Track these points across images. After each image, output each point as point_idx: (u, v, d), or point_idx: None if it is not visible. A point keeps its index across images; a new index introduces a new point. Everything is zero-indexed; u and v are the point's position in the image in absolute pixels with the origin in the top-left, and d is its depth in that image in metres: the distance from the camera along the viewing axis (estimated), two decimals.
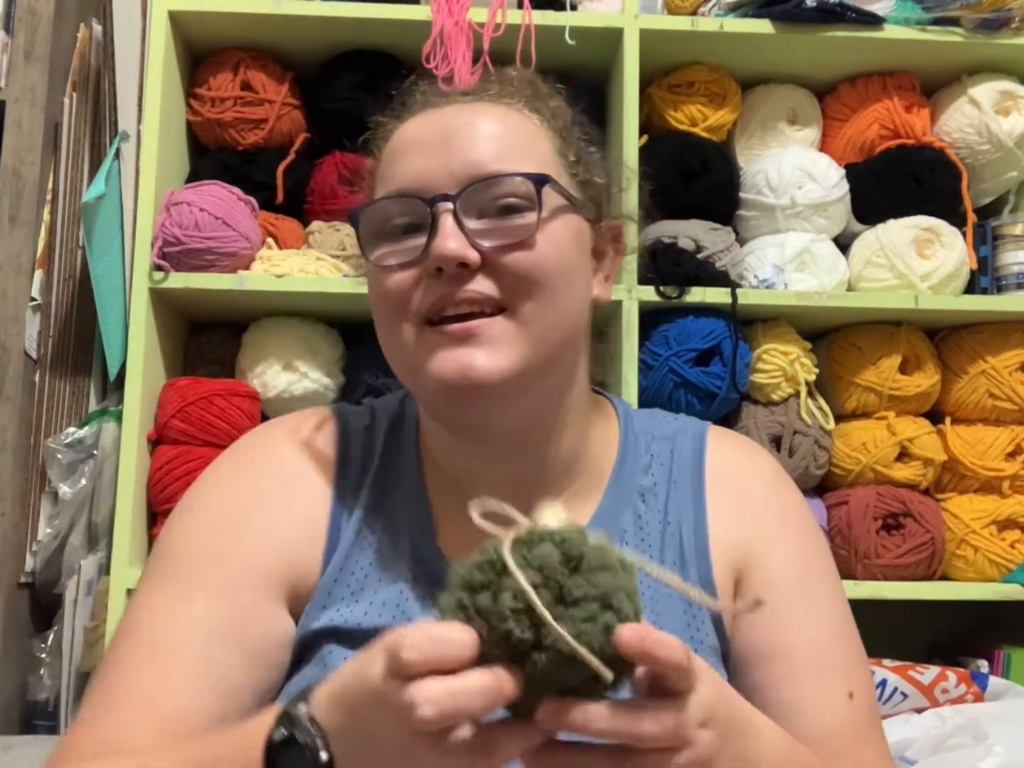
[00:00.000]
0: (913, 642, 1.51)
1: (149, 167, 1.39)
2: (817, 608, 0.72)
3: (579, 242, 0.70)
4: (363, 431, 0.76)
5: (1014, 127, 1.51)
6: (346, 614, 0.67)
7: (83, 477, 1.46)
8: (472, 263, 0.64)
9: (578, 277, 0.69)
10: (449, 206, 0.64)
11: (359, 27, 1.44)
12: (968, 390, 1.49)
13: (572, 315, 0.68)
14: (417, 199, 0.65)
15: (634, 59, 1.44)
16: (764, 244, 1.49)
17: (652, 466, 0.76)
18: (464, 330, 0.64)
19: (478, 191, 0.64)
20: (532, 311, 0.65)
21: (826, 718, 0.68)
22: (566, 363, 0.70)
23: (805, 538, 0.76)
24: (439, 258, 0.63)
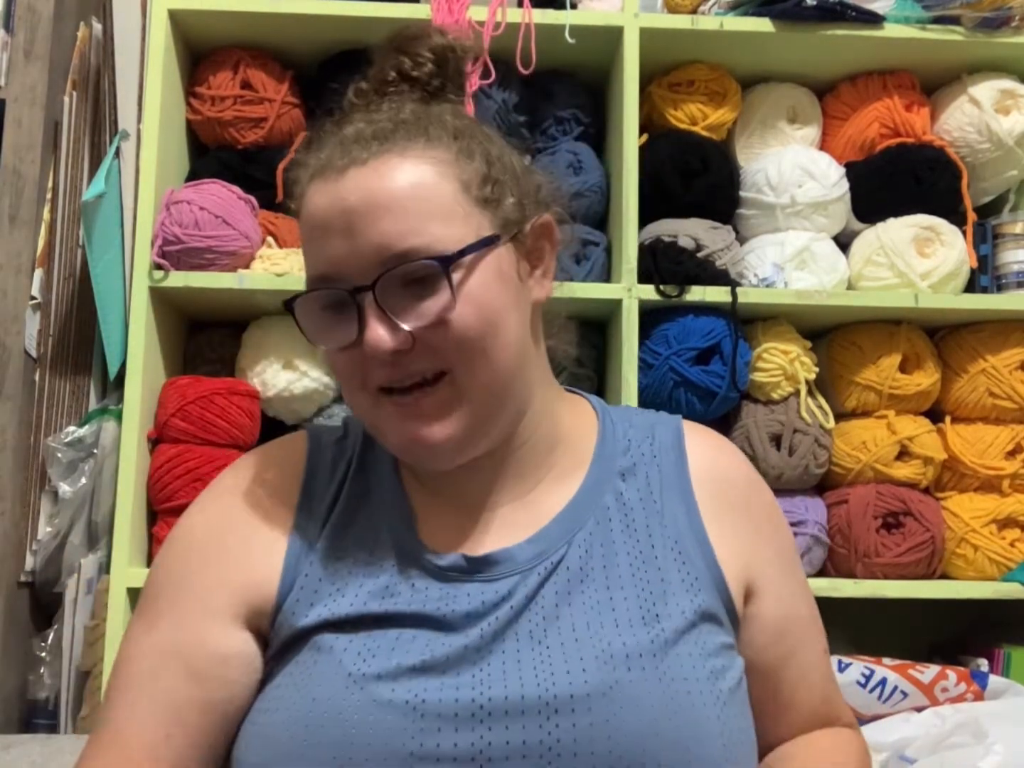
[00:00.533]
0: (913, 641, 1.51)
1: (149, 166, 1.39)
2: (799, 583, 0.81)
3: (502, 279, 0.71)
4: (334, 443, 0.80)
5: (1014, 126, 1.51)
6: (333, 607, 0.70)
7: (83, 476, 1.46)
8: (403, 348, 0.68)
9: (508, 315, 0.71)
10: (370, 296, 0.67)
11: (359, 26, 1.44)
12: (968, 389, 1.49)
13: (508, 361, 0.71)
14: (339, 289, 0.69)
15: (634, 58, 1.44)
16: (764, 243, 1.49)
17: (630, 449, 0.79)
18: (409, 406, 0.69)
19: (392, 276, 0.67)
20: (467, 375, 0.69)
21: (816, 676, 0.80)
22: (517, 391, 0.73)
23: (780, 523, 0.83)
24: (373, 350, 0.67)
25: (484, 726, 0.63)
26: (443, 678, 0.65)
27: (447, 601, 0.69)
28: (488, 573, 0.71)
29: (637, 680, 0.65)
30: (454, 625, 0.68)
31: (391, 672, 0.65)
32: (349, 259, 0.68)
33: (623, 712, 0.63)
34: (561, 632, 0.67)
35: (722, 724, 0.66)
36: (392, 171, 0.68)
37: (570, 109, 1.53)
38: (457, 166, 0.70)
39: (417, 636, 0.67)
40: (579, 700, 0.63)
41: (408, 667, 0.65)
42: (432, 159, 0.70)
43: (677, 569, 0.72)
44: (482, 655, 0.66)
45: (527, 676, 0.65)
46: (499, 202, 0.72)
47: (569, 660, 0.66)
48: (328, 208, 0.69)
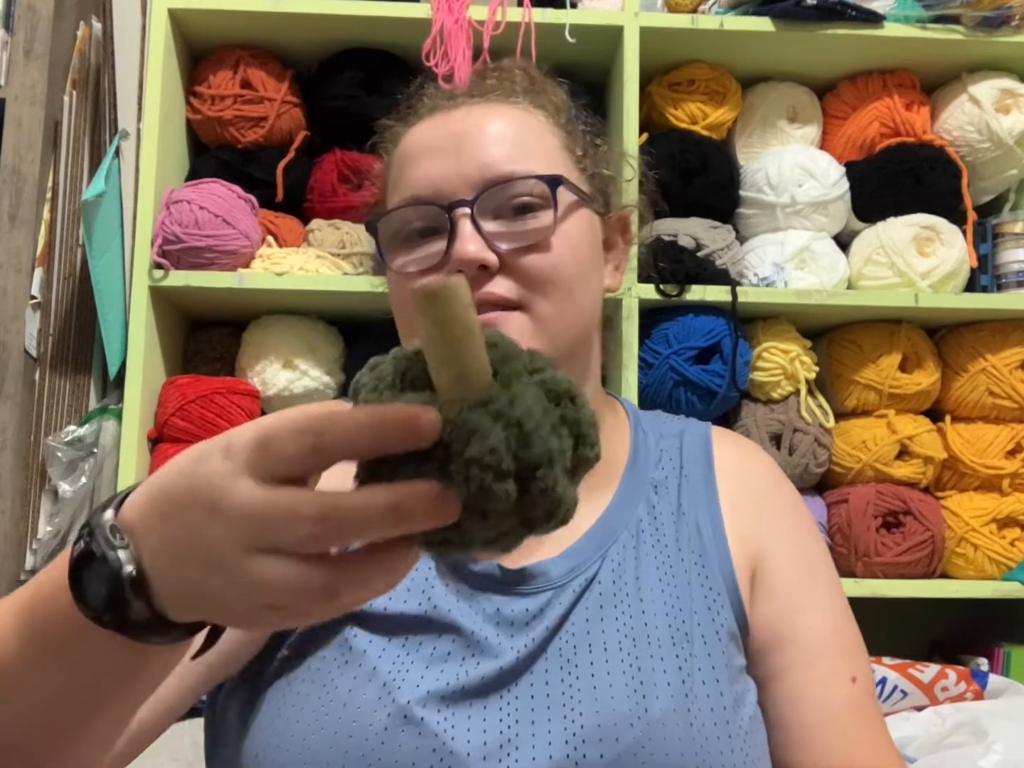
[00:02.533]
0: (913, 640, 1.51)
1: (149, 165, 1.39)
2: (820, 595, 0.74)
3: (592, 237, 0.71)
4: None
5: (1014, 125, 1.51)
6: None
7: (83, 475, 1.46)
8: (492, 265, 0.66)
9: (592, 273, 0.71)
10: (466, 211, 0.66)
11: (359, 25, 1.44)
12: (968, 388, 1.49)
13: (587, 311, 0.70)
14: (435, 205, 0.67)
15: (634, 57, 1.44)
16: (764, 242, 1.49)
17: (662, 460, 0.77)
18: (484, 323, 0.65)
19: (493, 194, 0.66)
20: (549, 310, 0.67)
21: (831, 701, 0.70)
22: (581, 358, 0.72)
23: (806, 529, 0.79)
24: (460, 261, 0.65)
25: (511, 758, 0.61)
26: (472, 703, 0.63)
27: (481, 616, 0.67)
28: (521, 587, 0.68)
29: (666, 709, 0.63)
30: (488, 642, 0.66)
31: (425, 693, 0.63)
32: (452, 176, 0.67)
33: (651, 744, 0.62)
34: (592, 652, 0.66)
35: (745, 755, 0.64)
36: (504, 109, 0.69)
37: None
38: (563, 129, 0.71)
39: (452, 653, 0.65)
40: (606, 731, 0.62)
41: (442, 689, 0.63)
42: (541, 113, 0.71)
43: (700, 584, 0.71)
44: (514, 677, 0.65)
45: (555, 706, 0.63)
46: (593, 176, 0.73)
47: (598, 687, 0.64)
48: (435, 132, 0.68)
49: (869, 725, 0.71)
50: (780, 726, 0.71)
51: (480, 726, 0.62)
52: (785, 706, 0.70)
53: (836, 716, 0.70)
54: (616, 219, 0.76)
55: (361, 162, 1.45)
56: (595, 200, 0.73)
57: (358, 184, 1.46)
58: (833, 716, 0.70)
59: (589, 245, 0.71)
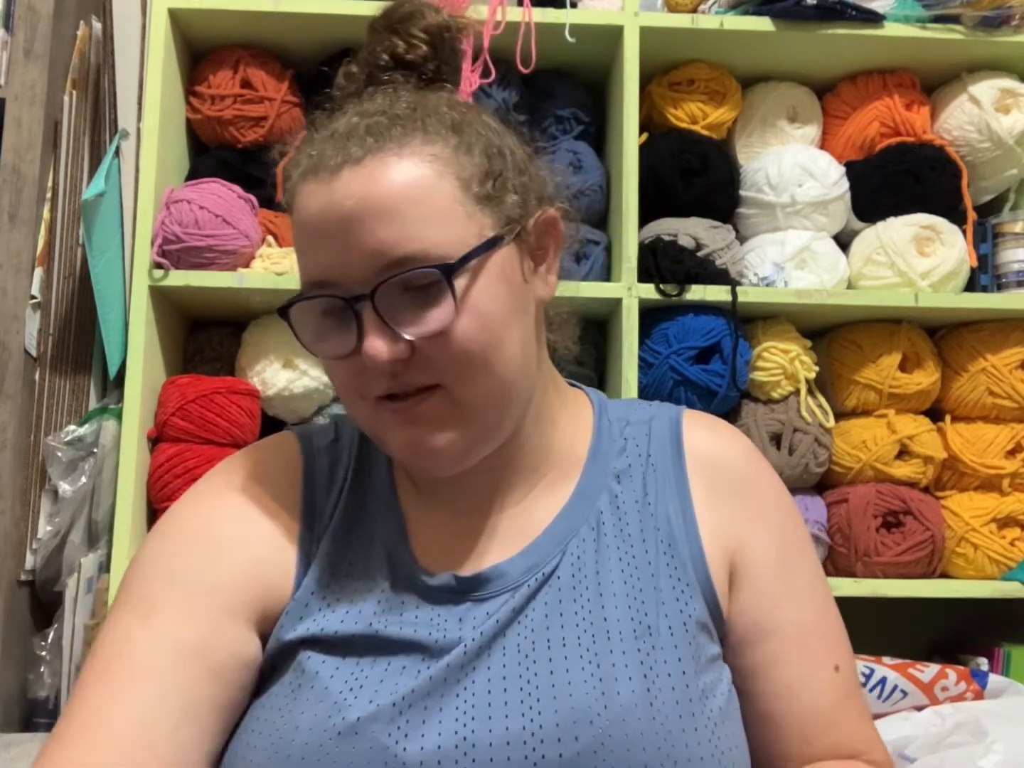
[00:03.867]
0: (913, 640, 1.51)
1: (149, 165, 1.39)
2: (801, 585, 0.74)
3: (506, 281, 0.68)
4: (328, 447, 0.77)
5: (1014, 125, 1.51)
6: (322, 623, 0.67)
7: (83, 475, 1.46)
8: (402, 358, 0.65)
9: (511, 330, 0.68)
10: (368, 305, 0.64)
11: (359, 25, 1.42)
12: (968, 388, 1.49)
13: (511, 372, 0.68)
14: (336, 297, 0.65)
15: (634, 57, 1.44)
16: (764, 242, 1.49)
17: (627, 448, 0.76)
18: (408, 411, 0.66)
19: (390, 286, 0.64)
20: (465, 391, 0.66)
21: (817, 693, 0.71)
22: (518, 403, 0.71)
23: (784, 516, 0.77)
24: (371, 361, 0.64)
25: (468, 758, 0.60)
26: (427, 706, 0.62)
27: (438, 626, 0.67)
28: (479, 592, 0.68)
29: (627, 704, 0.62)
30: (444, 651, 0.65)
31: (376, 707, 0.62)
32: (345, 266, 0.65)
33: (611, 741, 0.61)
34: (551, 648, 0.65)
35: (714, 747, 0.63)
36: (388, 172, 0.65)
37: (570, 108, 1.53)
38: (456, 163, 0.67)
39: (407, 666, 0.65)
40: (565, 729, 0.61)
41: (395, 700, 0.63)
42: (430, 156, 0.66)
43: (669, 575, 0.70)
44: (466, 673, 0.64)
45: (512, 703, 0.62)
46: (501, 199, 0.69)
47: (557, 684, 0.63)
48: (322, 212, 0.65)
49: (853, 712, 0.73)
50: (770, 720, 0.71)
51: (435, 729, 0.61)
52: (773, 701, 0.71)
53: (821, 706, 0.71)
54: (541, 222, 0.72)
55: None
56: (508, 226, 0.68)
57: None
58: (818, 707, 0.71)
59: (504, 295, 0.68)
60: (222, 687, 0.65)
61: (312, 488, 0.74)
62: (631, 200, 1.42)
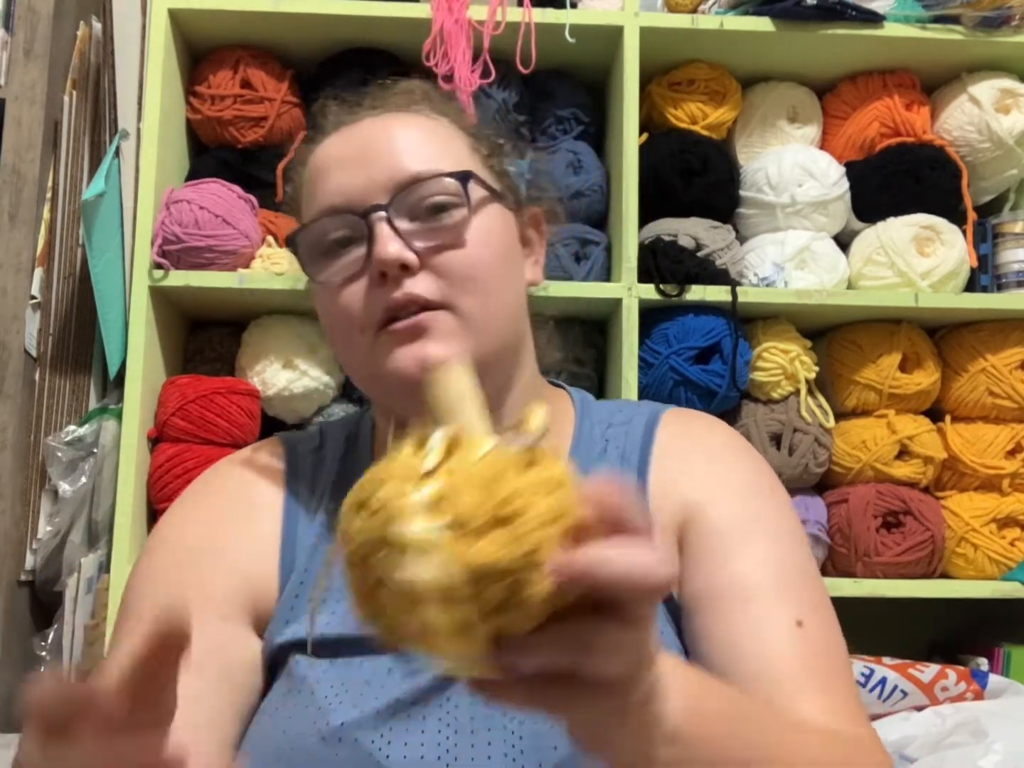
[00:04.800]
0: (913, 640, 1.51)
1: (149, 165, 1.39)
2: (758, 546, 0.69)
3: (507, 231, 0.73)
4: (312, 453, 0.78)
5: (1014, 125, 1.51)
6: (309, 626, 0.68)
7: (83, 475, 1.46)
8: (412, 264, 0.66)
9: (511, 267, 0.72)
10: (382, 215, 0.67)
11: (359, 25, 1.44)
12: (968, 388, 1.49)
13: (511, 304, 0.71)
14: (350, 213, 0.68)
15: (634, 57, 1.44)
16: (764, 242, 1.49)
17: (607, 450, 0.75)
18: (412, 325, 0.67)
19: (406, 196, 0.67)
20: (473, 307, 0.67)
21: (767, 650, 0.64)
22: (511, 350, 0.73)
23: (751, 485, 0.73)
24: (381, 263, 0.66)
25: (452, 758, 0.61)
26: (411, 718, 0.63)
27: None
28: None
29: None
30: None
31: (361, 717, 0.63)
32: (363, 184, 0.67)
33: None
34: None
35: None
36: (408, 117, 0.70)
37: (570, 108, 1.53)
38: (467, 133, 0.72)
39: (392, 670, 0.65)
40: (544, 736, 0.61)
41: (379, 707, 0.63)
42: (444, 119, 0.72)
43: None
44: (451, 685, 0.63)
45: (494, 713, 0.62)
46: (502, 175, 0.74)
47: None
48: (342, 145, 0.69)
49: (820, 673, 0.64)
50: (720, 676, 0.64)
51: (418, 739, 0.61)
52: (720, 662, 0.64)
53: (775, 666, 0.63)
54: (530, 216, 0.77)
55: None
56: (507, 197, 0.74)
57: None
58: (771, 666, 0.63)
59: (505, 240, 0.72)
60: (234, 692, 0.66)
61: (295, 493, 0.75)
62: (631, 200, 1.42)
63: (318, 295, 0.73)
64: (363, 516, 0.39)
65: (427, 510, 0.38)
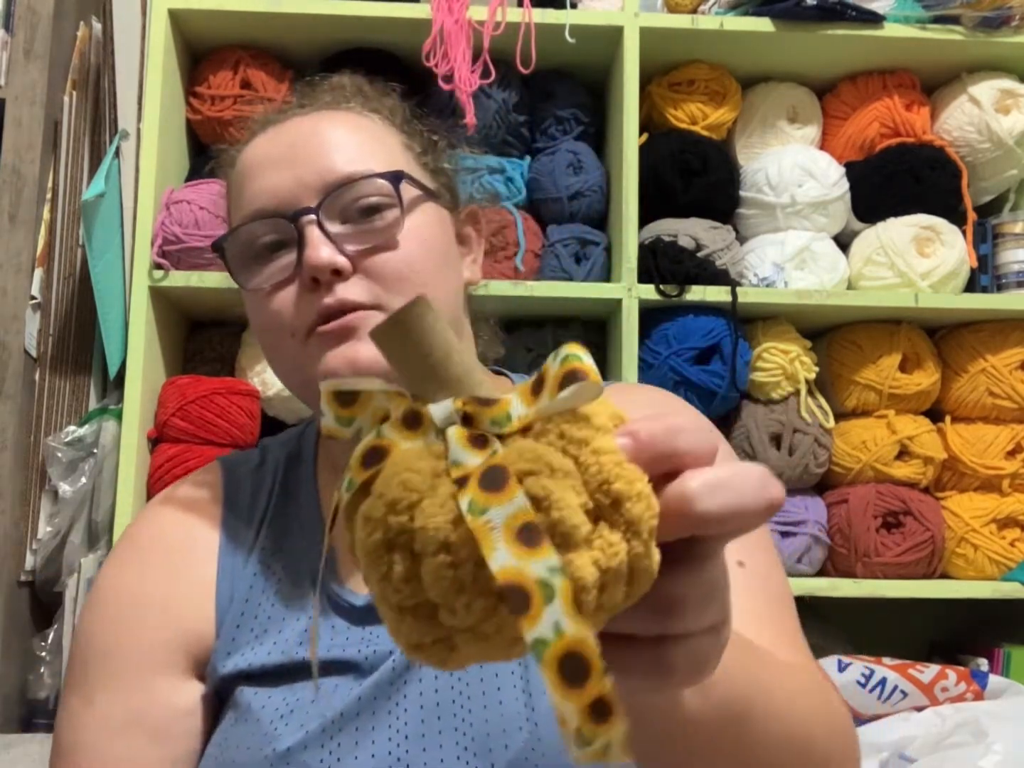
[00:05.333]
0: (913, 640, 1.51)
1: (149, 165, 1.39)
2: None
3: (443, 230, 0.71)
4: (252, 472, 0.76)
5: (1014, 125, 1.51)
6: (250, 657, 0.66)
7: (83, 475, 1.46)
8: (344, 269, 0.64)
9: (446, 267, 0.70)
10: (312, 218, 0.65)
11: (359, 25, 1.44)
12: (968, 388, 1.49)
13: (447, 305, 0.69)
14: (279, 217, 0.66)
15: (634, 57, 1.44)
16: (764, 242, 1.49)
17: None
18: (342, 326, 0.64)
19: (337, 197, 0.65)
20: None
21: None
22: None
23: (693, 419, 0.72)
24: (313, 268, 0.64)
25: None
26: (359, 727, 0.61)
27: (368, 642, 0.65)
28: None
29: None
30: (375, 666, 0.64)
31: (306, 732, 0.61)
32: (292, 185, 0.65)
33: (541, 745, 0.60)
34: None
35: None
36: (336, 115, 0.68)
37: (570, 109, 1.53)
38: (401, 130, 0.71)
39: (339, 685, 0.64)
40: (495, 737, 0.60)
41: (325, 723, 0.62)
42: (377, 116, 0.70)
43: None
44: (397, 688, 0.63)
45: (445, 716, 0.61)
46: (437, 171, 0.72)
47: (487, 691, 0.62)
48: (270, 144, 0.67)
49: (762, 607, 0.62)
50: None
51: (368, 751, 0.61)
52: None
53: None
54: (467, 214, 0.75)
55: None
56: (442, 195, 0.72)
57: None
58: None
59: (440, 239, 0.70)
60: (168, 745, 0.65)
61: (232, 519, 0.73)
62: (631, 200, 1.42)
63: (248, 301, 0.71)
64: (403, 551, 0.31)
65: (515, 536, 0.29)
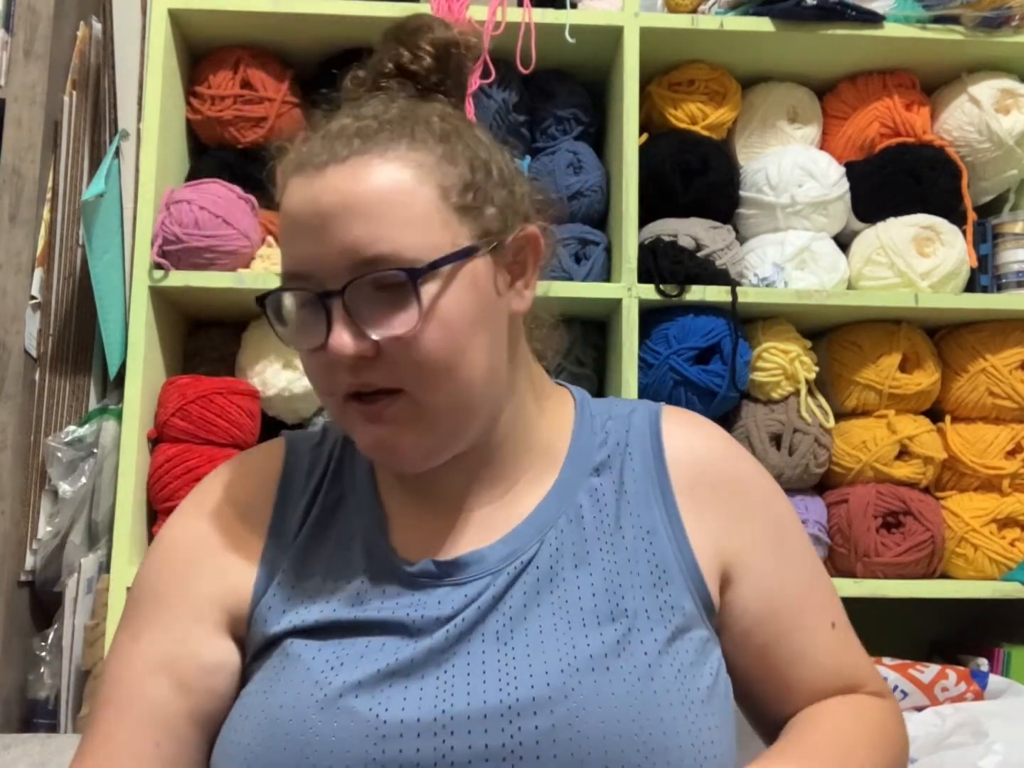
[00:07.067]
0: (913, 640, 1.51)
1: (149, 165, 1.39)
2: (794, 559, 0.78)
3: (477, 292, 0.69)
4: (311, 449, 0.80)
5: (1014, 125, 1.51)
6: (304, 615, 0.70)
7: (83, 475, 1.46)
8: (365, 355, 0.66)
9: (477, 340, 0.69)
10: (338, 301, 0.66)
11: (359, 25, 1.44)
12: (968, 388, 1.49)
13: (474, 381, 0.69)
14: (308, 291, 0.68)
15: (634, 57, 1.44)
16: (764, 242, 1.49)
17: (607, 441, 0.78)
18: (370, 413, 0.68)
19: (359, 285, 0.66)
20: (428, 395, 0.68)
21: (822, 653, 0.77)
22: (483, 410, 0.72)
23: (769, 500, 0.80)
24: (336, 355, 0.66)
25: (447, 731, 0.63)
26: (408, 683, 0.65)
27: (417, 607, 0.69)
28: (458, 576, 0.70)
29: (601, 681, 0.65)
30: (423, 630, 0.68)
31: (357, 680, 0.65)
32: (320, 261, 0.67)
33: (585, 714, 0.63)
34: (528, 633, 0.67)
35: (690, 723, 0.65)
36: (370, 173, 0.67)
37: (570, 109, 1.53)
38: (439, 171, 0.68)
39: (387, 643, 0.67)
40: (541, 703, 0.63)
41: (373, 674, 0.65)
42: (414, 162, 0.68)
43: (647, 560, 0.72)
44: (447, 657, 0.66)
45: (490, 680, 0.65)
46: (480, 211, 0.70)
47: (533, 663, 0.65)
48: (303, 206, 0.68)
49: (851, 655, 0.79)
50: (784, 688, 0.76)
51: (415, 703, 0.64)
52: (786, 670, 0.76)
53: (827, 664, 0.77)
54: (521, 237, 0.73)
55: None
56: (485, 239, 0.70)
57: None
58: (825, 665, 0.77)
59: (472, 304, 0.69)
60: (191, 698, 0.69)
61: (288, 489, 0.78)
62: (631, 200, 1.42)
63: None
64: None
65: None
